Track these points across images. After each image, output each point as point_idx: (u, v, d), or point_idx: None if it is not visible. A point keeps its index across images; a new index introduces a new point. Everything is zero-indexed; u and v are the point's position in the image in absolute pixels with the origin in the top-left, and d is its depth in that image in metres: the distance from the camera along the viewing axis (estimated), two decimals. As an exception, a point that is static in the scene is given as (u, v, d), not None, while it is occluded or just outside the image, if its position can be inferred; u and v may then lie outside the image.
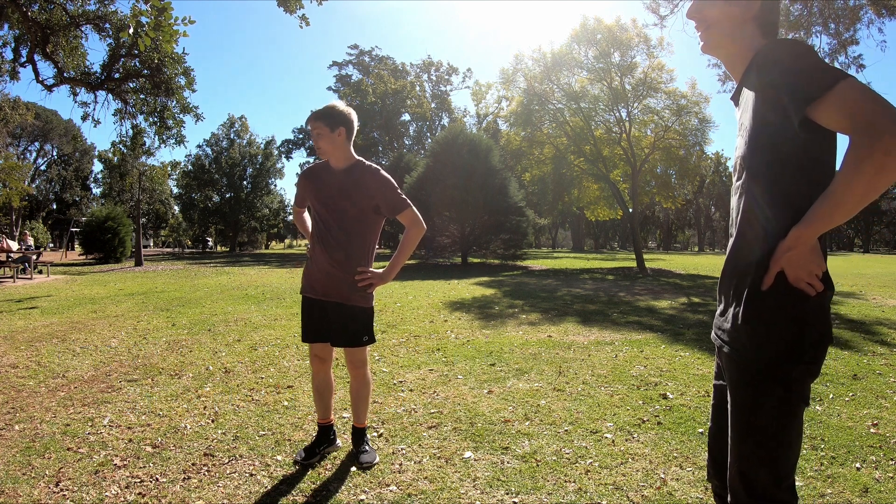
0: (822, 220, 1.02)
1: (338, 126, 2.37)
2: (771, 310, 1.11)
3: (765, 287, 1.10)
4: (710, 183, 56.22)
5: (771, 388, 1.12)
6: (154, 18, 6.10)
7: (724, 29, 1.23)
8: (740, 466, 1.17)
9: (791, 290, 1.08)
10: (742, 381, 1.16)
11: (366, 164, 2.46)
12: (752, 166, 1.15)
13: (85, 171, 50.67)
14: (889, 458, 2.53)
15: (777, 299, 1.10)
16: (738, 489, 1.19)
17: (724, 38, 1.24)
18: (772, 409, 1.13)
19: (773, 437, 1.13)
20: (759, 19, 1.22)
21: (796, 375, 1.11)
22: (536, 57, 17.54)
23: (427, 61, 44.02)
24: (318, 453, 2.52)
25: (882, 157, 0.92)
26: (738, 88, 1.26)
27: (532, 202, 21.95)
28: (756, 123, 1.13)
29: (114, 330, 5.89)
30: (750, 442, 1.16)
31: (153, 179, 21.21)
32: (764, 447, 1.14)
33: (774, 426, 1.13)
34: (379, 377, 3.96)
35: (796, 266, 1.06)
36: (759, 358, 1.12)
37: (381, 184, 2.41)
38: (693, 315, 6.99)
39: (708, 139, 17.72)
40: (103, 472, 2.40)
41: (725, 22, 1.23)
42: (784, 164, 1.09)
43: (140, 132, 12.36)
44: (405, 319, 6.55)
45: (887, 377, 3.93)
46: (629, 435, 2.83)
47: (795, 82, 1.04)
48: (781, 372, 1.10)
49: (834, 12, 11.07)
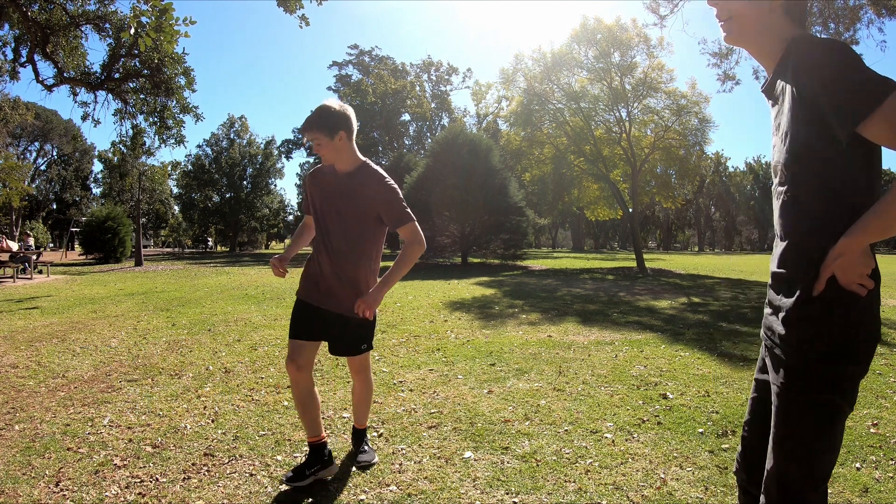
0: (875, 231, 1.02)
1: (337, 131, 2.21)
2: (822, 312, 1.10)
3: (816, 293, 1.09)
4: (710, 183, 56.21)
5: (819, 389, 1.10)
6: (155, 19, 6.11)
7: (749, 18, 1.16)
8: (778, 466, 1.16)
9: (841, 292, 1.08)
10: (790, 381, 1.14)
11: (372, 168, 2.32)
12: (795, 173, 1.12)
13: (85, 171, 50.67)
14: (889, 458, 2.53)
15: (828, 302, 1.09)
16: (772, 488, 1.17)
17: (750, 28, 1.17)
18: (818, 410, 1.11)
19: (817, 440, 1.12)
20: (787, 6, 1.15)
21: (846, 376, 1.10)
22: (536, 57, 17.55)
23: (427, 61, 44.04)
24: (309, 475, 2.28)
25: None
26: (772, 81, 1.19)
27: (532, 202, 21.95)
28: (797, 131, 1.09)
29: (114, 330, 5.89)
30: (792, 443, 1.14)
31: (153, 179, 21.23)
32: (806, 449, 1.13)
33: (818, 429, 1.12)
34: (379, 377, 3.96)
35: (847, 271, 1.05)
36: (809, 359, 1.10)
37: (386, 191, 2.27)
38: (693, 315, 6.99)
39: (708, 139, 17.72)
40: (103, 472, 2.40)
41: (750, 10, 1.15)
42: (829, 171, 1.07)
43: (140, 132, 12.36)
44: (405, 319, 6.55)
45: (887, 377, 3.93)
46: (629, 435, 2.83)
47: (841, 98, 1.00)
48: (831, 373, 1.09)
49: (834, 12, 11.08)
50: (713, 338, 5.35)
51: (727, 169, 58.53)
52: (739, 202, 59.01)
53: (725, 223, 60.95)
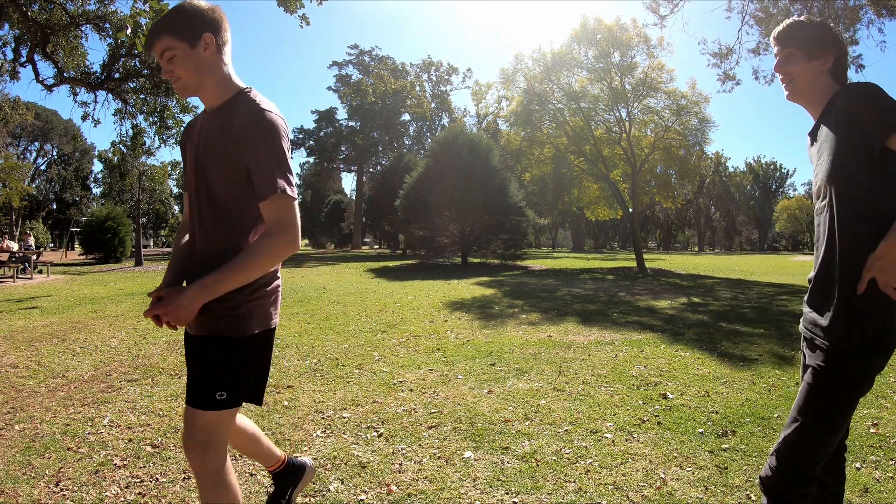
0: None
1: (198, 35, 1.42)
2: (864, 309, 1.30)
3: (859, 291, 1.29)
4: (710, 183, 56.20)
5: (852, 372, 1.32)
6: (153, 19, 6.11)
7: (805, 81, 1.49)
8: (796, 436, 1.38)
9: (880, 293, 1.27)
10: (828, 365, 1.35)
11: (248, 97, 1.47)
12: (838, 189, 1.35)
13: (85, 171, 50.66)
14: (889, 458, 2.53)
15: (869, 301, 1.29)
16: (782, 453, 1.40)
17: (806, 89, 1.50)
18: (837, 395, 1.34)
19: (826, 422, 1.35)
20: (833, 71, 1.48)
21: (872, 368, 1.32)
22: (536, 57, 17.53)
23: (427, 61, 44.00)
24: (289, 498, 1.94)
25: None
26: (817, 126, 1.49)
27: (532, 202, 21.92)
28: (840, 152, 1.34)
29: (114, 330, 5.89)
30: (813, 419, 1.36)
31: (153, 179, 21.22)
32: (816, 428, 1.35)
33: (834, 412, 1.35)
34: (379, 377, 3.96)
35: (887, 271, 1.23)
36: (851, 347, 1.32)
37: (257, 130, 1.38)
38: (693, 315, 6.99)
39: (708, 139, 17.68)
40: (103, 472, 2.40)
41: (806, 75, 1.48)
42: (867, 186, 1.30)
43: (140, 132, 12.37)
44: (405, 319, 6.55)
45: (887, 377, 3.93)
46: (629, 435, 2.83)
47: (877, 116, 1.26)
48: (865, 361, 1.31)
49: (834, 12, 11.08)
50: (713, 338, 5.35)
51: (727, 169, 58.52)
52: (739, 202, 59.01)
53: (725, 223, 60.95)
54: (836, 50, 1.47)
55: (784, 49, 1.52)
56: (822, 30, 1.49)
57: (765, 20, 11.56)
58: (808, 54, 1.47)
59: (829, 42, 1.47)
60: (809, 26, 1.50)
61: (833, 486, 1.52)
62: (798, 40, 1.49)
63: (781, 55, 1.53)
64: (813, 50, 1.47)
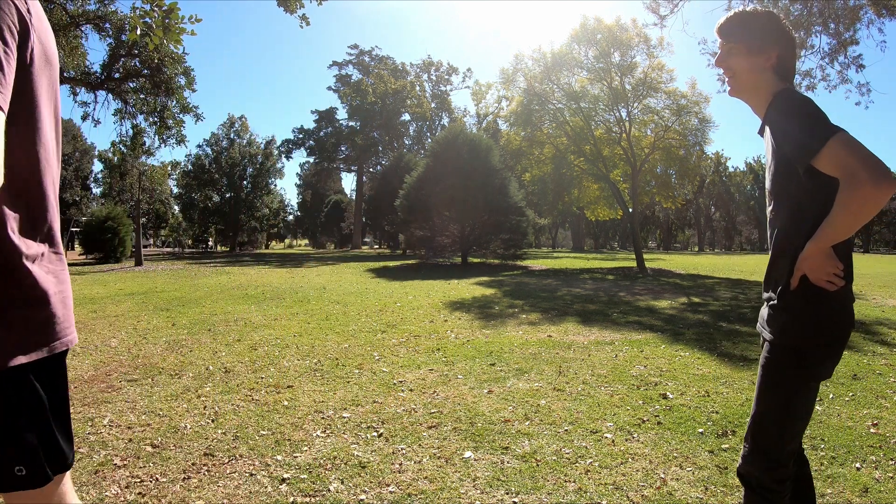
0: (826, 238, 1.30)
1: None
2: (798, 303, 1.38)
3: (793, 287, 1.38)
4: (710, 183, 56.18)
5: (790, 363, 1.40)
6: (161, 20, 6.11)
7: (747, 77, 1.46)
8: (754, 422, 1.46)
9: (812, 288, 1.35)
10: (770, 357, 1.44)
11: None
12: (777, 199, 1.44)
13: (85, 171, 50.66)
14: (889, 458, 2.53)
15: (803, 295, 1.37)
16: (749, 439, 1.47)
17: (748, 85, 1.48)
18: (788, 381, 1.41)
19: (785, 406, 1.41)
20: (777, 68, 1.44)
21: (813, 355, 1.38)
22: (536, 57, 17.52)
23: (427, 61, 44.00)
24: None
25: (860, 203, 1.22)
26: (762, 126, 1.50)
27: (532, 202, 21.93)
28: (776, 166, 1.42)
29: (114, 330, 5.89)
30: (765, 405, 1.44)
31: (153, 179, 21.20)
32: (776, 411, 1.42)
33: (786, 396, 1.41)
34: (379, 377, 3.96)
35: (814, 270, 1.33)
36: (785, 339, 1.40)
37: None
38: (693, 315, 6.99)
39: (708, 139, 17.65)
40: (103, 471, 2.40)
41: (747, 71, 1.45)
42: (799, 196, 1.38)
43: (140, 132, 12.37)
44: (405, 319, 6.55)
45: (887, 377, 3.93)
46: (629, 435, 2.83)
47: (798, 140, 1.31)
48: (801, 352, 1.38)
49: (834, 12, 11.07)
50: (713, 338, 5.35)
51: (727, 169, 58.49)
52: (739, 202, 58.98)
53: (725, 223, 60.91)
54: (781, 45, 1.43)
55: (726, 43, 1.48)
56: (767, 23, 1.45)
57: (765, 20, 11.53)
58: (750, 49, 1.44)
59: (772, 36, 1.43)
60: (752, 19, 1.46)
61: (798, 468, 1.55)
62: (739, 34, 1.46)
63: (723, 49, 1.49)
64: (754, 44, 1.43)
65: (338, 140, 42.06)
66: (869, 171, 1.20)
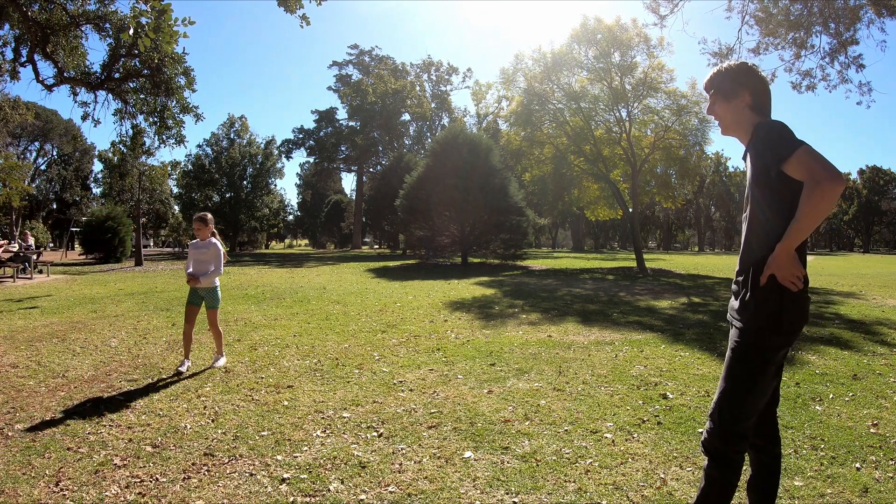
0: (792, 237, 1.56)
1: None
2: (764, 297, 1.64)
3: (762, 283, 1.64)
4: (710, 183, 56.17)
5: (754, 347, 1.66)
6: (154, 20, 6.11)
7: (729, 117, 1.80)
8: (721, 399, 1.71)
9: (778, 285, 1.61)
10: (737, 342, 1.69)
11: None
12: (753, 203, 1.70)
13: (85, 171, 50.64)
14: (889, 458, 2.53)
15: (769, 290, 1.63)
16: (715, 415, 1.71)
17: (732, 123, 1.80)
18: (749, 363, 1.66)
19: (744, 386, 1.67)
20: (753, 106, 1.76)
21: (773, 343, 1.65)
22: (536, 57, 17.51)
23: (427, 61, 43.98)
24: None
25: (820, 197, 1.49)
26: (746, 152, 1.78)
27: (532, 202, 21.92)
28: (752, 178, 1.70)
29: (114, 330, 5.89)
30: (733, 383, 1.68)
31: (153, 179, 21.18)
32: (736, 390, 1.68)
33: (747, 377, 1.67)
34: (379, 377, 3.96)
35: (780, 269, 1.58)
36: (751, 326, 1.66)
37: None
38: (693, 315, 6.99)
39: (708, 139, 17.63)
40: (103, 471, 2.40)
41: (729, 114, 1.79)
42: (771, 201, 1.65)
43: (140, 132, 12.35)
44: (405, 319, 6.55)
45: (887, 377, 3.93)
46: (629, 435, 2.83)
47: (772, 149, 1.60)
48: (763, 338, 1.64)
49: (834, 12, 11.07)
50: (713, 338, 5.35)
51: (727, 169, 58.44)
52: (739, 202, 58.98)
53: (725, 223, 60.89)
54: (751, 88, 1.75)
55: (711, 96, 1.84)
56: (737, 74, 1.78)
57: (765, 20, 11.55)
58: (726, 95, 1.78)
59: (742, 83, 1.76)
60: (725, 73, 1.80)
61: (769, 447, 1.82)
62: (717, 87, 1.80)
63: (710, 101, 1.85)
64: (729, 93, 1.78)
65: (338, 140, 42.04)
66: (827, 172, 1.49)
